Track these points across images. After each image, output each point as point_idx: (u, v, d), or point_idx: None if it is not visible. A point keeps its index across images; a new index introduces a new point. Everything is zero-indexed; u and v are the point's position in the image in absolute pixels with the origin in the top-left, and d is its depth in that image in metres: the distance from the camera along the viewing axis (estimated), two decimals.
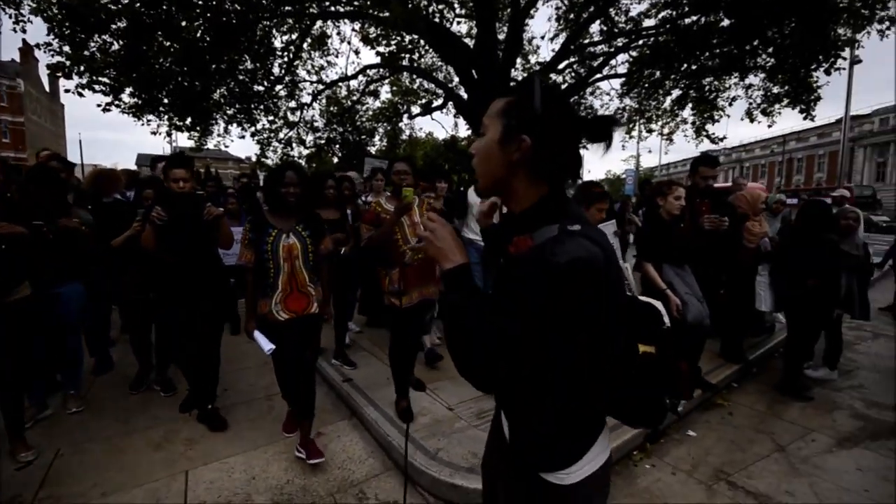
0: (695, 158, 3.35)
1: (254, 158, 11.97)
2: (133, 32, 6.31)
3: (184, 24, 6.80)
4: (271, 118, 10.50)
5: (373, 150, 14.87)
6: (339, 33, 10.35)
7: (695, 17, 8.30)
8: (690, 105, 10.37)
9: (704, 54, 8.59)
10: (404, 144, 16.34)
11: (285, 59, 9.45)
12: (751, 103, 9.74)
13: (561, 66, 10.58)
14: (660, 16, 9.21)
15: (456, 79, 10.56)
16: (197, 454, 2.39)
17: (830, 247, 3.10)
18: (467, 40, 10.09)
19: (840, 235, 3.32)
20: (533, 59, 12.07)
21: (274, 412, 2.84)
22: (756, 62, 8.45)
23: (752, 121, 9.88)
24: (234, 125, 9.62)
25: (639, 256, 2.93)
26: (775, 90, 9.10)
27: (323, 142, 12.40)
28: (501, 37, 9.48)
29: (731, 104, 9.92)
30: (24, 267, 2.31)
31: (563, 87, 11.31)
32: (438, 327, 3.82)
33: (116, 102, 7.19)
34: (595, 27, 10.21)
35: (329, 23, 9.84)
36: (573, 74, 11.53)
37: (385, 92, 13.08)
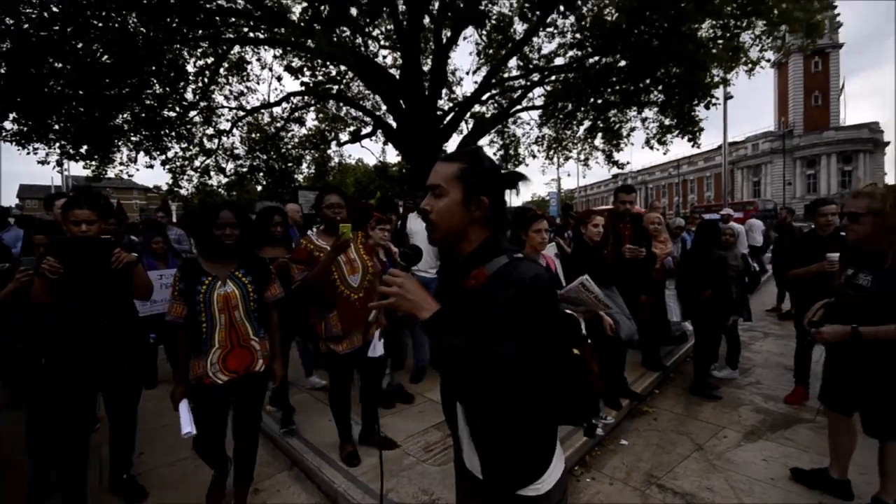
0: (616, 188, 3.80)
1: (164, 188, 11.00)
2: (18, 55, 5.61)
3: (79, 45, 6.21)
4: (185, 145, 9.79)
5: (300, 177, 14.41)
6: (259, 59, 10.03)
7: (597, 58, 9.29)
8: (600, 134, 11.43)
9: (607, 90, 9.60)
10: (334, 171, 16.05)
11: (199, 83, 8.94)
12: (648, 133, 10.96)
13: (484, 97, 11.17)
14: (568, 55, 10.14)
15: (384, 107, 10.70)
16: None
17: (719, 261, 3.56)
18: (394, 70, 10.33)
19: (723, 250, 3.81)
20: (458, 90, 12.60)
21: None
22: (649, 98, 9.60)
23: (650, 148, 11.12)
24: (141, 153, 8.83)
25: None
26: (667, 122, 10.31)
27: (245, 170, 11.76)
28: (426, 68, 9.82)
29: (628, 135, 11.05)
30: None
31: (487, 116, 11.96)
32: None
33: None
34: (513, 62, 10.98)
35: (248, 48, 9.56)
36: (496, 105, 12.21)
37: (311, 119, 12.85)
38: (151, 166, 9.29)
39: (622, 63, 9.03)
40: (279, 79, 9.89)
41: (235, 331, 1.93)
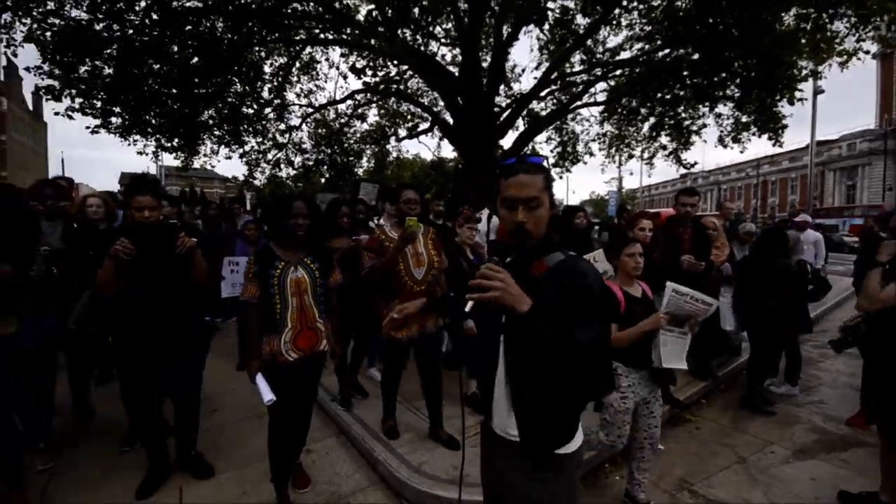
0: (678, 190, 3.68)
1: (241, 178, 12.05)
2: (124, 57, 6.47)
3: (175, 48, 7.00)
4: (260, 139, 10.68)
5: (360, 171, 15.09)
6: (327, 59, 10.66)
7: (667, 51, 8.81)
8: (666, 132, 10.85)
9: (676, 85, 9.08)
10: (392, 166, 16.61)
11: (275, 83, 9.68)
12: (722, 131, 10.25)
13: (543, 93, 11.02)
14: (635, 48, 9.72)
15: (441, 104, 10.93)
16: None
17: (783, 269, 3.35)
18: (452, 67, 10.50)
19: (787, 258, 3.57)
20: (516, 86, 12.52)
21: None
22: (725, 93, 8.96)
23: (724, 147, 10.38)
24: (223, 146, 9.76)
25: None
26: (744, 119, 9.58)
27: (311, 163, 12.56)
28: (485, 64, 9.88)
29: (699, 132, 10.38)
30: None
31: (544, 114, 11.77)
32: None
33: (105, 125, 7.28)
34: (576, 57, 10.71)
35: (318, 49, 10.19)
36: (555, 102, 11.99)
37: (373, 115, 13.41)
38: (230, 157, 10.24)
39: (695, 56, 8.51)
40: (345, 77, 10.47)
41: (304, 313, 2.09)
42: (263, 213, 6.25)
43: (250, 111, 9.46)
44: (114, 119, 7.39)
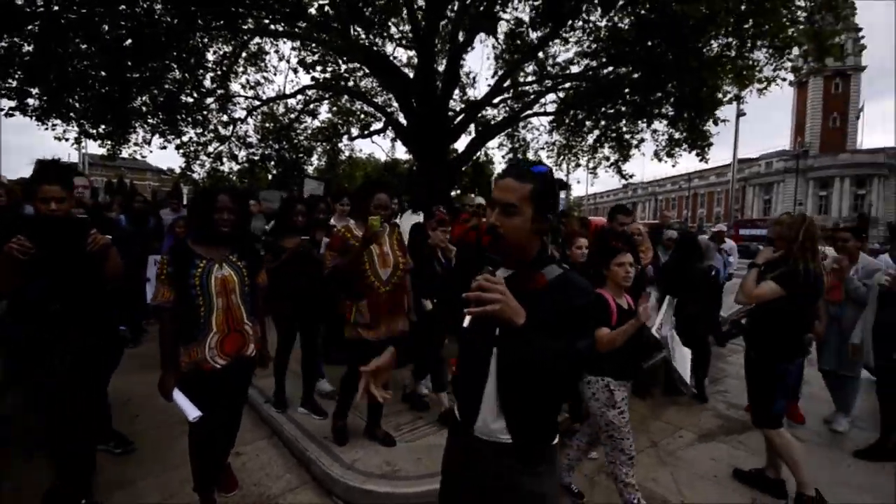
0: (613, 208, 3.85)
1: (178, 171, 11.33)
2: (47, 34, 5.90)
3: (106, 27, 6.48)
4: (199, 131, 10.09)
5: (310, 169, 14.68)
6: (277, 51, 10.27)
7: (611, 69, 9.38)
8: (609, 144, 11.53)
9: (618, 102, 9.69)
10: (344, 165, 16.31)
11: (218, 72, 9.22)
12: (657, 146, 11.03)
13: (496, 100, 11.31)
14: (583, 64, 10.25)
15: (396, 104, 10.91)
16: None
17: (701, 275, 3.70)
18: (408, 69, 10.53)
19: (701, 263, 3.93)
20: (471, 91, 12.76)
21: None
22: (660, 111, 9.67)
23: (659, 160, 11.17)
24: (157, 135, 9.13)
25: None
26: (677, 136, 10.37)
27: (257, 158, 12.06)
28: (441, 68, 9.99)
29: (638, 146, 11.10)
30: None
31: (493, 123, 12.08)
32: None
33: (21, 107, 6.59)
34: (529, 67, 11.11)
35: (267, 40, 9.82)
36: (507, 109, 12.34)
37: (324, 111, 13.11)
38: (165, 148, 9.57)
39: (635, 75, 9.12)
40: (295, 71, 10.12)
41: (231, 314, 1.94)
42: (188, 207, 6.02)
43: (189, 100, 8.93)
44: (31, 101, 6.70)
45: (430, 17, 8.37)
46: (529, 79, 11.27)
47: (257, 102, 10.69)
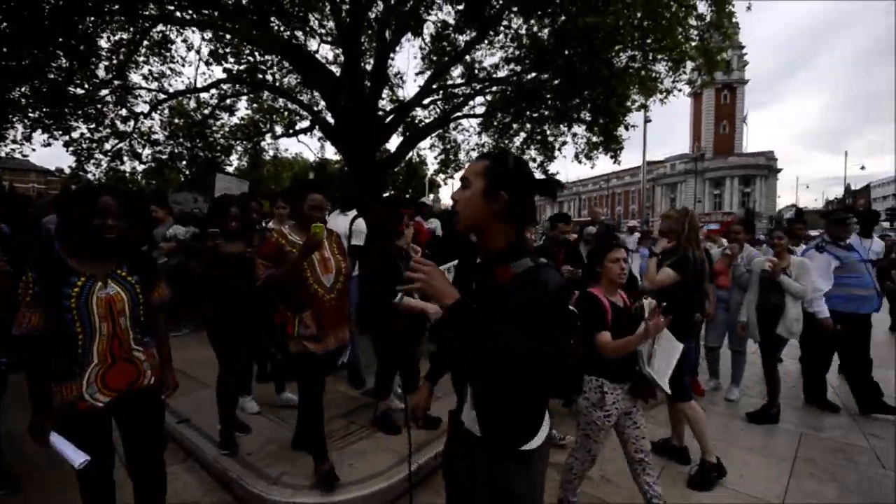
0: (553, 216, 4.06)
1: (68, 171, 9.95)
2: None
3: None
4: (93, 126, 8.95)
5: (230, 169, 13.67)
6: (184, 40, 9.39)
7: (533, 74, 9.83)
8: (535, 146, 12.08)
9: (541, 106, 10.19)
10: (268, 165, 15.42)
11: (114, 61, 8.23)
12: (577, 148, 11.78)
13: (426, 101, 11.35)
14: (507, 69, 10.63)
15: (322, 103, 10.51)
16: None
17: None
18: (335, 67, 10.19)
19: None
20: (400, 92, 12.69)
21: None
22: (579, 116, 10.33)
23: (579, 162, 11.92)
24: (39, 131, 7.95)
25: None
26: (594, 139, 11.16)
27: (165, 157, 10.96)
28: (369, 67, 9.80)
29: (560, 148, 11.77)
30: None
31: (422, 125, 12.14)
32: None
33: None
34: (457, 70, 11.29)
35: (173, 28, 8.96)
36: (437, 111, 12.44)
37: (244, 108, 12.28)
38: (49, 145, 8.36)
39: (555, 81, 9.63)
40: (208, 63, 9.33)
41: (118, 341, 1.62)
42: (60, 210, 5.29)
43: (80, 91, 7.88)
44: None
45: (354, 15, 8.17)
46: (458, 81, 11.46)
47: (162, 96, 9.71)
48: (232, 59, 8.86)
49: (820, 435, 3.24)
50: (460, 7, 8.37)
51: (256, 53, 9.09)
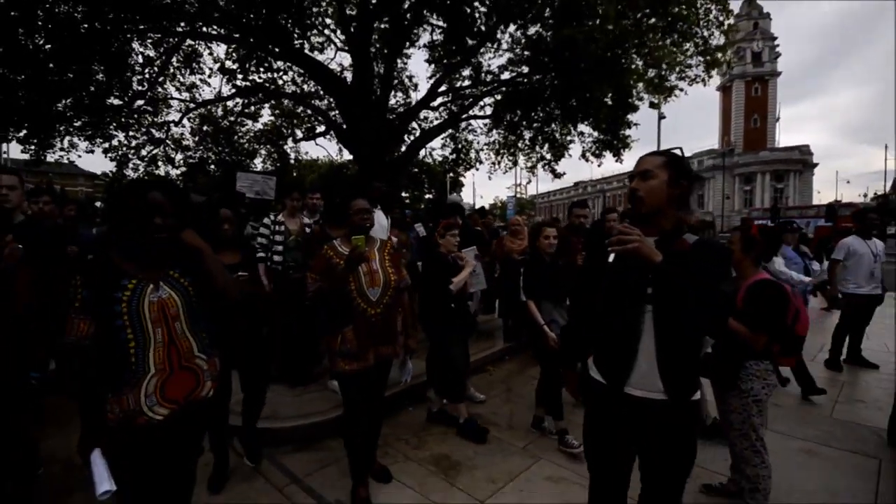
0: (571, 204, 4.24)
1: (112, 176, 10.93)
2: None
3: (21, 30, 6.31)
4: (131, 133, 9.85)
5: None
6: (211, 54, 10.18)
7: (537, 76, 10.02)
8: (543, 144, 12.25)
9: (549, 105, 10.35)
10: (295, 167, 16.11)
11: (147, 74, 9.06)
12: (584, 147, 11.89)
13: (435, 103, 11.72)
14: (513, 70, 10.87)
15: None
16: None
17: None
18: (347, 74, 10.74)
19: None
20: (415, 95, 13.07)
21: None
22: (587, 114, 10.42)
23: (587, 161, 12.02)
24: (82, 139, 8.86)
25: (524, 293, 2.99)
26: (602, 138, 11.23)
27: (195, 161, 11.84)
28: (381, 71, 10.26)
29: (567, 147, 11.88)
30: None
31: (439, 122, 12.52)
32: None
33: None
34: (467, 71, 11.61)
35: (201, 42, 9.72)
36: (447, 111, 12.79)
37: (267, 114, 13.04)
38: (92, 152, 9.28)
39: (556, 82, 9.80)
40: (230, 75, 10.05)
41: (176, 348, 1.48)
42: (107, 208, 5.24)
43: (117, 102, 8.73)
44: None
45: (360, 26, 8.66)
46: (466, 83, 11.78)
47: (192, 105, 10.54)
48: (252, 70, 9.52)
49: None
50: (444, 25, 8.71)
51: (273, 64, 9.72)
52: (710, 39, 8.51)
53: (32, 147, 8.33)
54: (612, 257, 1.36)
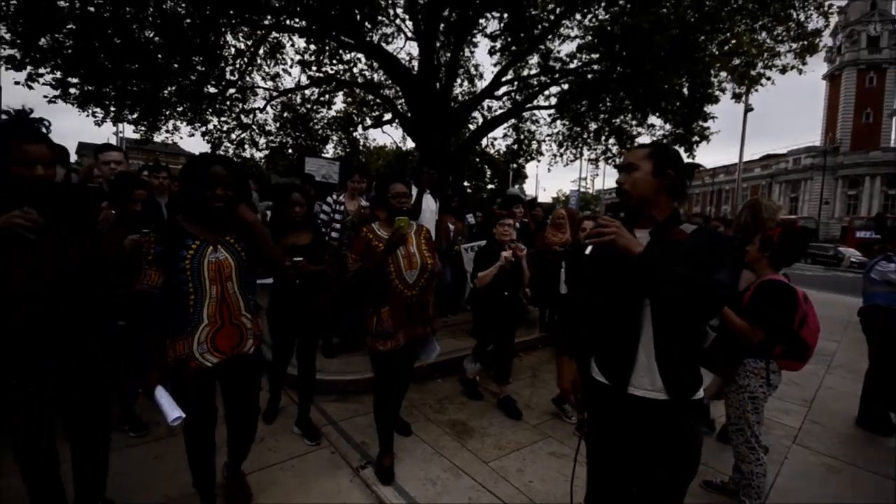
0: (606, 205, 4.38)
1: None
2: (84, 29, 6.75)
3: (135, 26, 7.33)
4: (224, 118, 11.01)
5: (327, 157, 15.49)
6: (293, 45, 11.04)
7: (605, 64, 9.65)
8: (610, 136, 11.81)
9: (619, 94, 9.94)
10: (365, 153, 16.98)
11: (237, 65, 10.05)
12: (654, 139, 11.27)
13: (499, 92, 11.72)
14: (582, 59, 10.55)
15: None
16: None
17: None
18: (414, 63, 11.08)
19: None
20: (480, 84, 13.14)
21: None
22: (660, 105, 9.89)
23: None
24: (184, 123, 10.07)
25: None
26: (677, 131, 10.59)
27: (276, 145, 12.95)
28: (444, 60, 10.50)
29: (632, 140, 11.34)
30: None
31: (502, 111, 12.49)
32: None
33: (64, 95, 7.54)
34: (534, 59, 11.47)
35: (285, 35, 10.56)
36: (511, 101, 12.72)
37: (340, 102, 13.85)
38: (193, 135, 10.54)
39: (627, 70, 9.36)
40: (308, 65, 10.84)
41: (227, 305, 1.72)
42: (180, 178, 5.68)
43: (213, 90, 9.80)
44: (72, 90, 7.65)
45: (428, 16, 8.92)
46: (533, 71, 11.61)
47: (275, 93, 11.51)
48: (315, 67, 10.15)
49: None
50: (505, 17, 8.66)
51: (350, 54, 10.32)
52: (807, 22, 7.68)
53: (143, 128, 9.64)
54: (588, 249, 1.37)
